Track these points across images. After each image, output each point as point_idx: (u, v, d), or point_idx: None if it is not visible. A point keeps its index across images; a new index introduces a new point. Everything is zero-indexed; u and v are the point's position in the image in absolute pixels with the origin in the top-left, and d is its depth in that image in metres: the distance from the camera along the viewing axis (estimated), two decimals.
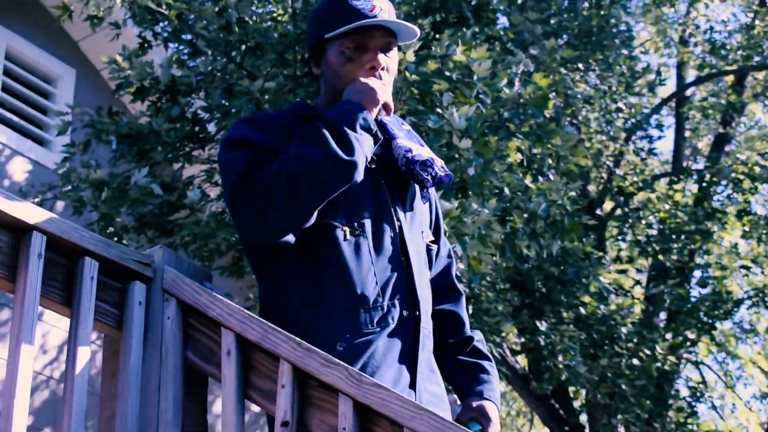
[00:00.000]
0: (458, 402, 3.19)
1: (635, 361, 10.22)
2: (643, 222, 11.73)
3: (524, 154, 6.59)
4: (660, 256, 11.31)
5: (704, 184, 12.26)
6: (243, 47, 6.67)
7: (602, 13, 9.19)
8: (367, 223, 3.00)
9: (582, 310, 8.04)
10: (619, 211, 11.99)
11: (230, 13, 6.51)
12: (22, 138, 8.60)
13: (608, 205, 12.44)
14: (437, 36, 7.48)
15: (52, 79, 9.09)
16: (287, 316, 2.96)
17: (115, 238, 6.66)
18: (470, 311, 7.30)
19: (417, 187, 3.17)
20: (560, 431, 12.76)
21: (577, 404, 12.55)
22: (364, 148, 2.89)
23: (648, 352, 10.53)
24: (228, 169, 2.95)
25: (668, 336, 11.63)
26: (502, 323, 7.16)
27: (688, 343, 12.05)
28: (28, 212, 2.78)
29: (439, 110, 5.93)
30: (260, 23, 6.63)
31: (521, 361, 12.16)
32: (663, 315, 12.41)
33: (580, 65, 9.28)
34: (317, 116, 3.03)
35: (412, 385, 2.97)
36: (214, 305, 2.93)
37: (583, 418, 12.83)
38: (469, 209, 5.78)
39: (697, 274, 12.64)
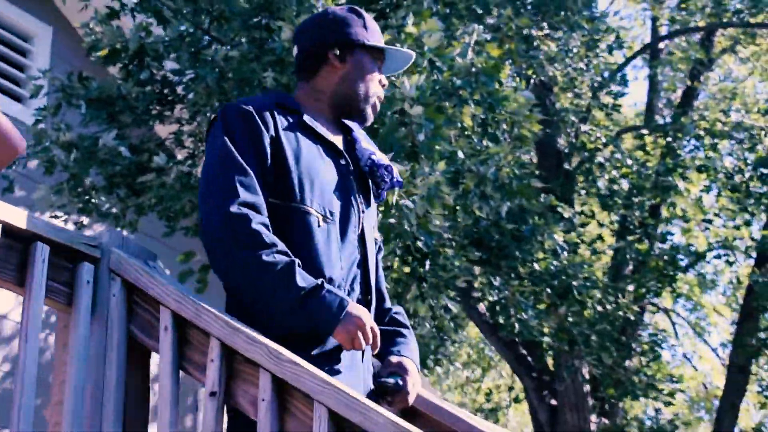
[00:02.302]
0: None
1: (599, 309, 10.60)
2: (606, 177, 12.07)
3: (478, 120, 6.90)
4: (623, 211, 11.67)
5: (669, 140, 12.58)
6: (208, 17, 6.97)
7: None
8: (337, 212, 3.31)
9: (536, 265, 8.39)
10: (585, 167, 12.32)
11: None
12: None
13: (576, 160, 12.75)
14: (399, 2, 7.76)
15: (29, 37, 9.33)
16: None
17: (86, 197, 6.98)
18: (427, 267, 7.66)
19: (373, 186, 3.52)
20: (528, 376, 13.18)
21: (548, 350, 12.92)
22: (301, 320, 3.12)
23: (612, 300, 10.93)
24: (223, 187, 3.16)
25: (631, 287, 12.01)
26: (458, 279, 7.53)
27: (651, 294, 12.44)
28: None
29: (392, 78, 6.23)
30: None
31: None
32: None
33: (545, 25, 9.56)
34: (299, 112, 3.37)
35: (362, 356, 3.33)
36: (153, 285, 3.25)
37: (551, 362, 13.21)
38: (419, 172, 6.12)
39: (664, 227, 13.00)
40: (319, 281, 3.09)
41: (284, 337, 3.11)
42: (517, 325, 8.23)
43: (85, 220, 7.59)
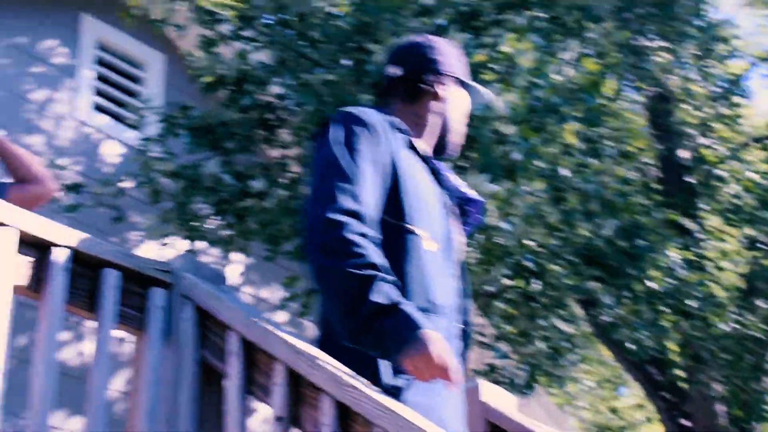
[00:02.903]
0: None
1: (725, 328, 10.30)
2: (727, 192, 11.74)
3: (581, 136, 6.80)
4: (746, 227, 11.34)
5: None
6: (305, 41, 7.03)
7: None
8: (441, 237, 3.26)
9: (651, 283, 8.21)
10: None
11: (290, 10, 6.86)
12: (114, 122, 9.08)
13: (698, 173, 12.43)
14: (501, 18, 7.71)
15: (142, 65, 9.53)
16: None
17: (194, 224, 7.08)
18: (537, 286, 7.58)
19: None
20: (659, 396, 12.90)
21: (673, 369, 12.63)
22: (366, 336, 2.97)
23: (740, 319, 10.63)
24: (326, 194, 3.07)
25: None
26: (565, 297, 7.45)
27: None
28: (53, 231, 3.15)
29: None
30: (318, 18, 6.95)
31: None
32: None
33: (653, 36, 9.38)
34: (406, 134, 3.32)
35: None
36: (223, 309, 3.26)
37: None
38: (517, 191, 6.07)
39: None
40: (398, 300, 2.90)
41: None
42: (632, 345, 8.08)
43: (200, 245, 7.70)
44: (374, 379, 3.02)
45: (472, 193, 3.52)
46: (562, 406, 18.56)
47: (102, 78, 9.25)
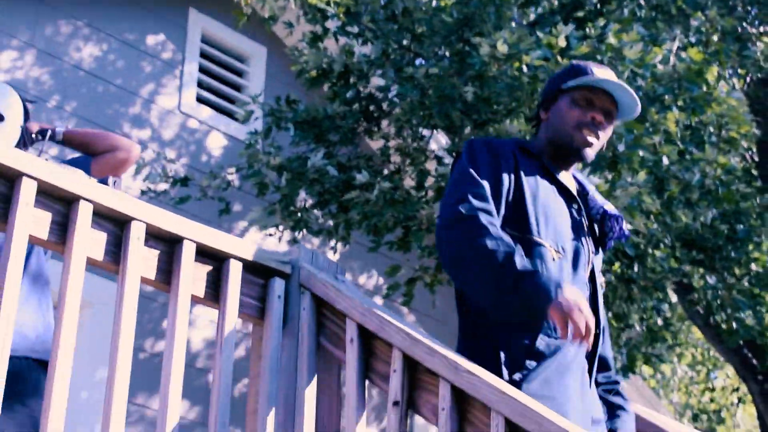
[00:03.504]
0: None
1: None
2: None
3: (682, 125, 6.80)
4: None
5: None
6: (409, 34, 7.14)
7: None
8: (569, 250, 3.53)
9: (753, 266, 8.17)
10: None
11: (396, 4, 7.00)
12: (218, 115, 9.29)
13: None
14: (604, 7, 7.74)
15: (245, 58, 9.73)
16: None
17: (298, 215, 7.24)
18: (636, 269, 7.62)
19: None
20: (754, 380, 12.77)
21: None
22: (522, 300, 3.24)
23: None
24: (456, 197, 3.42)
25: None
26: (667, 280, 7.49)
27: None
28: (180, 225, 3.30)
29: None
30: (425, 12, 7.05)
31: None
32: None
33: (757, 22, 9.29)
34: (538, 157, 3.65)
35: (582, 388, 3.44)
36: (340, 299, 3.39)
37: None
38: (618, 183, 6.13)
39: None
40: (539, 269, 3.24)
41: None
42: (734, 324, 8.08)
43: (300, 234, 7.86)
44: (495, 373, 3.21)
45: (612, 209, 3.72)
46: (656, 390, 18.44)
47: (206, 71, 9.46)
